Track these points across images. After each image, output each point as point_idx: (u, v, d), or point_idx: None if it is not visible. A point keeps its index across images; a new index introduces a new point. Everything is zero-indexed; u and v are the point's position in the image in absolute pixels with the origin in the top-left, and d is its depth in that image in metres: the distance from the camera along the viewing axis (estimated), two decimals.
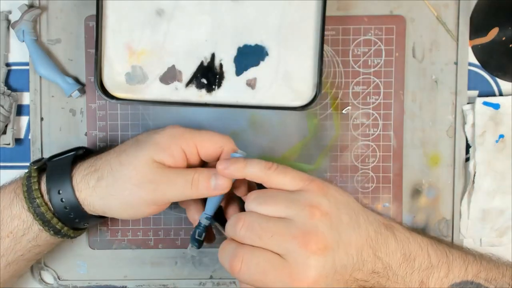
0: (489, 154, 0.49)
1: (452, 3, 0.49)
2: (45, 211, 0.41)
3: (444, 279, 0.40)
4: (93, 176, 0.41)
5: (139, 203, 0.41)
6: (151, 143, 0.41)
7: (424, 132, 0.50)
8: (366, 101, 0.49)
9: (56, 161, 0.43)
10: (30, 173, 0.42)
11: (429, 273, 0.40)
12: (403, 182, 0.50)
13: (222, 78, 0.45)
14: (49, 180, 0.42)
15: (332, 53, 0.49)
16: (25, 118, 0.50)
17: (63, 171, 0.42)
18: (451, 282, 0.41)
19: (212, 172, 0.41)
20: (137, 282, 0.50)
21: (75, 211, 0.42)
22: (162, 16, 0.44)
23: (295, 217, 0.37)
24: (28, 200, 0.41)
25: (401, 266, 0.40)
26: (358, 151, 0.50)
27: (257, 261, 0.36)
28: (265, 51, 0.45)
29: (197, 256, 0.50)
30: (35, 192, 0.41)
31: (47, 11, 0.49)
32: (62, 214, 0.42)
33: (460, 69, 0.49)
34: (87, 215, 0.42)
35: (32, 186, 0.41)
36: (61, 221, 0.42)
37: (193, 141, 0.41)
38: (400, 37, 0.49)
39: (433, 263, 0.40)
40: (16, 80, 0.50)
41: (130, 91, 0.45)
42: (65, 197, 0.41)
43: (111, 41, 0.44)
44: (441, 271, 0.40)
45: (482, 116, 0.48)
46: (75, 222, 0.43)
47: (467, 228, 0.50)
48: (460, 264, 0.41)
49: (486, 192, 0.49)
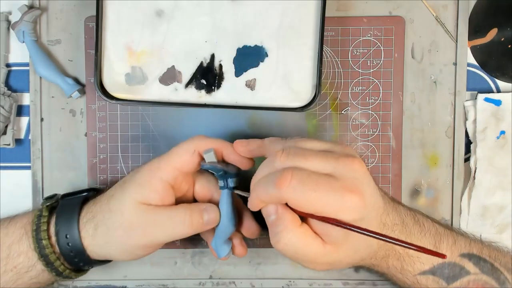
0: (490, 150, 0.49)
1: (451, 3, 0.49)
2: (50, 253, 0.41)
3: (453, 247, 0.41)
4: (91, 224, 0.41)
5: (132, 248, 0.41)
6: (133, 183, 0.41)
7: (423, 132, 0.50)
8: (365, 101, 0.50)
9: (67, 201, 0.44)
10: (41, 211, 0.43)
11: (438, 238, 0.41)
12: (402, 183, 0.50)
13: (222, 79, 0.45)
14: (58, 222, 0.42)
15: (331, 54, 0.49)
16: (25, 118, 0.50)
17: (71, 214, 0.42)
18: (459, 251, 0.41)
19: (203, 207, 0.41)
20: (137, 282, 0.50)
21: (80, 257, 0.42)
22: (162, 17, 0.44)
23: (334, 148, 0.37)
24: (35, 240, 0.41)
25: (414, 225, 0.40)
26: (357, 151, 0.50)
27: (308, 173, 0.35)
28: (264, 52, 0.45)
29: (197, 256, 0.50)
30: (42, 233, 0.41)
31: (47, 12, 0.49)
32: (68, 258, 0.42)
33: (459, 69, 0.49)
34: (91, 260, 0.43)
35: (41, 226, 0.41)
36: (66, 263, 0.42)
37: (171, 166, 0.41)
38: (399, 37, 0.49)
39: (439, 231, 0.41)
40: (16, 81, 0.50)
41: (129, 91, 0.45)
42: (72, 242, 0.41)
43: (111, 42, 0.44)
44: (448, 239, 0.41)
45: (483, 112, 0.49)
46: (79, 266, 0.43)
47: (467, 224, 0.50)
48: (464, 239, 0.42)
49: (486, 188, 0.49)
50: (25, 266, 0.42)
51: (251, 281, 0.50)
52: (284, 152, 0.36)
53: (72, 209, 0.42)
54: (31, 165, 0.50)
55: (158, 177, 0.41)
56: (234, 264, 0.50)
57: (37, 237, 0.41)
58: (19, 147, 0.50)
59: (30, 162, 0.50)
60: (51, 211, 0.43)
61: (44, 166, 0.50)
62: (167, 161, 0.41)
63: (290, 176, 0.34)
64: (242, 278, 0.50)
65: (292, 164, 0.36)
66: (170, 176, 0.41)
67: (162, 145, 0.50)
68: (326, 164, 0.36)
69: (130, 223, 0.40)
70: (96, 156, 0.49)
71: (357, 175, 0.36)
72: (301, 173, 0.35)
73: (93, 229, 0.41)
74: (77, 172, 0.50)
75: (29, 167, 0.50)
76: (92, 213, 0.42)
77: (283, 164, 0.36)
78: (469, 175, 0.49)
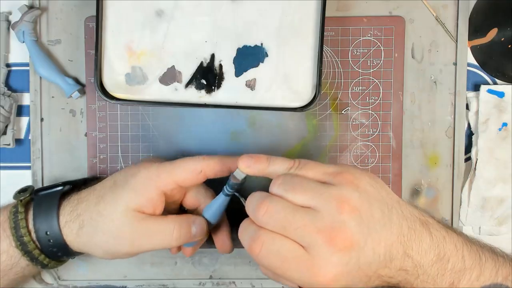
0: (492, 142, 0.49)
1: (451, 3, 0.49)
2: (33, 249, 0.41)
3: (475, 282, 0.38)
4: (76, 222, 0.41)
5: (119, 253, 0.41)
6: (127, 189, 0.41)
7: (423, 132, 0.50)
8: (366, 101, 0.49)
9: (42, 197, 0.43)
10: (17, 208, 0.42)
11: (461, 275, 0.38)
12: (403, 183, 0.50)
13: (222, 79, 0.45)
14: (36, 219, 0.41)
15: (331, 54, 0.49)
16: (25, 118, 0.50)
17: (50, 210, 0.41)
18: (481, 284, 0.38)
19: (191, 220, 0.41)
20: (137, 282, 0.50)
21: (62, 251, 0.42)
22: (162, 17, 0.44)
23: (323, 209, 0.34)
24: (15, 237, 0.41)
25: (433, 266, 0.37)
26: (357, 151, 0.50)
27: (278, 248, 0.35)
28: (264, 52, 0.45)
29: (197, 256, 0.50)
30: (22, 230, 0.41)
31: (47, 12, 0.49)
32: (50, 252, 0.42)
33: (459, 69, 0.49)
34: (74, 252, 0.43)
35: (20, 223, 0.41)
36: (48, 257, 0.42)
37: (171, 178, 0.41)
38: (399, 37, 0.49)
39: (466, 266, 0.38)
40: (16, 81, 0.50)
41: (130, 91, 0.45)
42: (53, 239, 0.41)
43: (111, 42, 0.44)
44: (473, 273, 0.38)
45: (486, 104, 0.49)
46: (62, 258, 0.43)
47: (466, 215, 0.50)
48: (492, 266, 0.39)
49: (487, 180, 0.49)
50: (9, 264, 0.41)
51: (251, 281, 0.50)
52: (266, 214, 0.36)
53: (50, 206, 0.42)
54: (31, 165, 0.50)
55: (156, 186, 0.40)
56: (234, 264, 0.50)
57: (17, 235, 0.41)
58: (19, 147, 0.50)
59: (30, 162, 0.50)
60: (26, 205, 0.42)
61: (44, 166, 0.50)
62: (169, 173, 0.41)
63: (260, 245, 0.35)
64: (242, 278, 0.50)
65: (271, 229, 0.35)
66: (169, 188, 0.41)
67: (162, 145, 0.50)
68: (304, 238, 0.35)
69: (119, 232, 0.40)
70: (96, 156, 0.49)
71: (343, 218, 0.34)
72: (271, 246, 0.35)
73: (78, 227, 0.41)
74: (77, 172, 0.50)
75: (29, 167, 0.50)
76: (77, 212, 0.41)
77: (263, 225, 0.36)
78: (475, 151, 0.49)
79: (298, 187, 0.36)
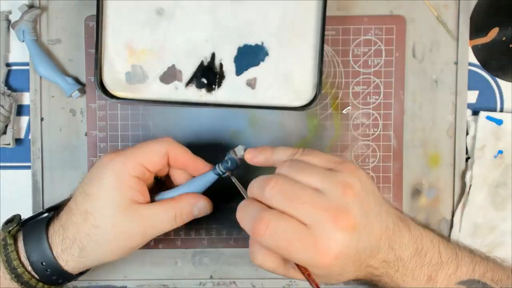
0: (486, 168, 0.49)
1: (452, 3, 0.49)
2: (29, 279, 0.40)
3: (452, 276, 0.40)
4: (73, 247, 0.41)
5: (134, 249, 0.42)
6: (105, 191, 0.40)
7: (424, 132, 0.50)
8: (366, 101, 0.49)
9: (30, 227, 0.42)
10: (5, 240, 0.41)
11: (437, 268, 0.40)
12: (403, 182, 0.50)
13: (222, 78, 0.45)
14: (29, 251, 0.40)
15: (332, 53, 0.49)
16: (25, 118, 0.50)
17: (40, 240, 0.40)
18: (458, 279, 0.40)
19: (192, 203, 0.42)
20: (137, 282, 0.50)
21: (62, 277, 0.42)
22: (162, 15, 0.44)
23: (329, 191, 0.36)
24: (9, 270, 0.40)
25: (412, 259, 0.39)
26: (358, 151, 0.50)
27: (284, 228, 0.35)
28: (265, 51, 0.45)
29: (197, 256, 0.50)
30: (15, 262, 0.40)
31: (47, 11, 0.49)
32: (47, 279, 0.41)
33: (460, 69, 0.49)
34: (74, 276, 0.43)
35: (11, 255, 0.40)
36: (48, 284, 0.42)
37: (137, 163, 0.41)
38: (400, 37, 0.49)
39: (442, 260, 0.40)
40: (16, 80, 0.50)
41: (130, 90, 0.45)
42: (50, 268, 0.41)
43: (111, 41, 0.44)
44: (449, 268, 0.40)
45: (483, 130, 0.49)
46: (59, 283, 0.43)
47: (457, 240, 0.49)
48: (468, 263, 0.41)
49: (479, 206, 0.49)
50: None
51: (251, 281, 0.50)
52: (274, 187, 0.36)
53: (39, 236, 0.41)
54: (31, 165, 0.49)
55: (128, 174, 0.40)
56: (234, 264, 0.50)
57: (11, 267, 0.40)
58: (19, 147, 0.50)
59: (30, 162, 0.50)
60: (14, 235, 0.41)
61: (44, 166, 0.49)
62: (134, 157, 0.41)
63: (266, 226, 0.35)
64: (242, 278, 0.50)
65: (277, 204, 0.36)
66: (138, 172, 0.41)
67: None
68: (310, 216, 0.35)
69: (126, 230, 0.40)
70: (96, 155, 0.49)
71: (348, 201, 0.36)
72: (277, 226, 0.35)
73: (79, 250, 0.40)
74: (77, 172, 0.50)
75: (29, 167, 0.50)
76: (69, 238, 0.40)
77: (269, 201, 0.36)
78: (469, 176, 0.49)
79: (305, 170, 0.37)
